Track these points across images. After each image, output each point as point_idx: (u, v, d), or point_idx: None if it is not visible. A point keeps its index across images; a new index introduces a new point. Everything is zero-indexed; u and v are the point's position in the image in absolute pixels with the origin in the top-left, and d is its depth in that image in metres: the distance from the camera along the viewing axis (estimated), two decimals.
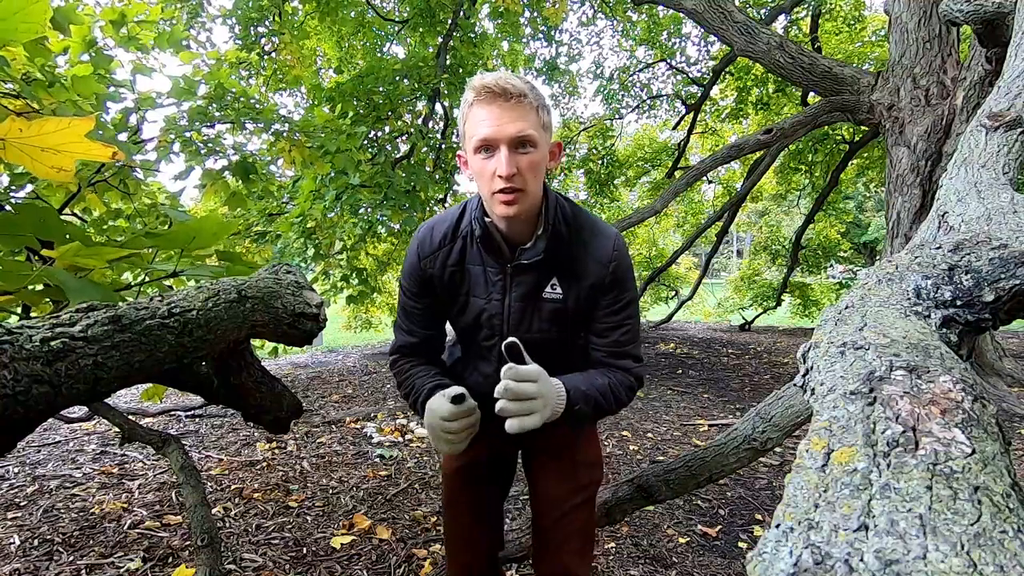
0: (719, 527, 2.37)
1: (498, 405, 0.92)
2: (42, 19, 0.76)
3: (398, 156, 5.25)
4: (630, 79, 9.45)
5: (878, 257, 12.54)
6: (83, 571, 1.87)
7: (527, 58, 8.29)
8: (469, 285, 1.09)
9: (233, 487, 2.66)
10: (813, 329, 0.56)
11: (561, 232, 1.04)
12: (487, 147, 0.95)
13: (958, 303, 0.56)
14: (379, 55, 6.99)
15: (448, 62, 5.54)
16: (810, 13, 7.29)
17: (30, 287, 0.75)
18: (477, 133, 0.94)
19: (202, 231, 0.85)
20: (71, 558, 1.95)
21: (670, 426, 3.87)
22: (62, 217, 1.00)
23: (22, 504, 2.38)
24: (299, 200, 4.42)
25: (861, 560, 0.26)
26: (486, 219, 1.03)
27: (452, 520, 1.27)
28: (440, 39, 5.77)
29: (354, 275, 5.04)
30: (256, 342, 2.47)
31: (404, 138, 5.38)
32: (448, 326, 1.21)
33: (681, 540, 2.25)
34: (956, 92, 3.50)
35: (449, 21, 5.68)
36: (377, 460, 3.12)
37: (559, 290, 1.06)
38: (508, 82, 0.93)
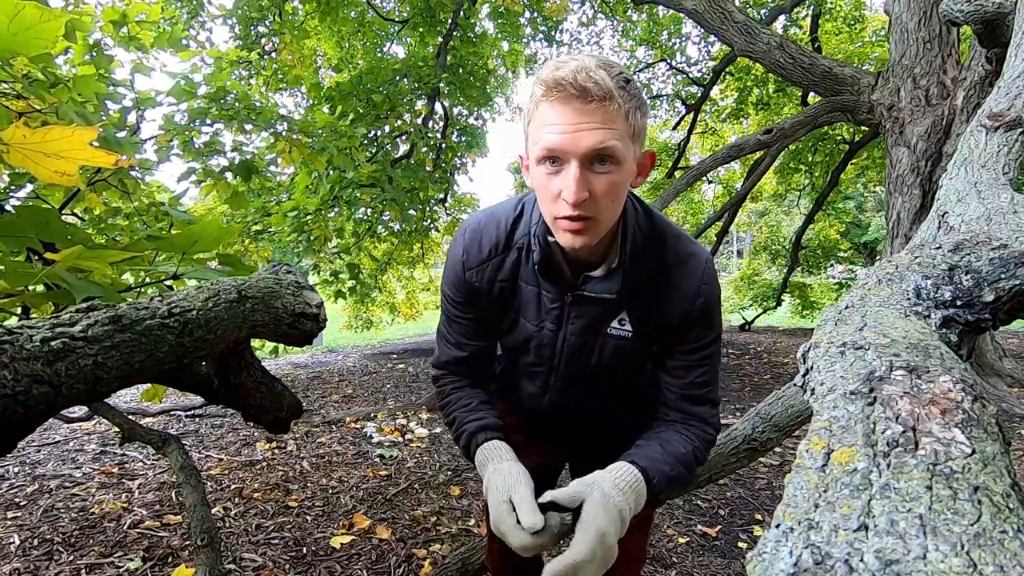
0: (719, 527, 2.37)
1: None
2: (52, 36, 0.76)
3: (398, 156, 5.25)
4: None
5: (878, 257, 12.54)
6: (83, 571, 1.87)
7: (527, 58, 8.29)
8: (520, 304, 0.92)
9: (233, 487, 2.66)
10: (813, 329, 0.56)
11: (639, 262, 0.85)
12: (554, 159, 0.73)
13: (958, 303, 0.56)
14: (379, 55, 6.99)
15: (448, 62, 5.54)
16: (810, 13, 7.29)
17: (31, 288, 0.75)
18: (542, 140, 0.73)
19: (204, 236, 0.85)
20: (71, 558, 1.95)
21: None
22: (62, 217, 1.00)
23: (22, 504, 2.38)
24: (294, 194, 4.41)
25: (861, 560, 0.26)
26: (549, 237, 0.84)
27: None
28: (440, 39, 5.77)
29: (346, 271, 4.91)
30: (256, 342, 2.47)
31: (404, 138, 5.38)
32: None
33: (681, 540, 2.25)
34: (956, 92, 3.50)
35: (449, 21, 5.68)
36: (377, 460, 3.12)
37: (628, 327, 0.88)
38: (591, 77, 0.68)
